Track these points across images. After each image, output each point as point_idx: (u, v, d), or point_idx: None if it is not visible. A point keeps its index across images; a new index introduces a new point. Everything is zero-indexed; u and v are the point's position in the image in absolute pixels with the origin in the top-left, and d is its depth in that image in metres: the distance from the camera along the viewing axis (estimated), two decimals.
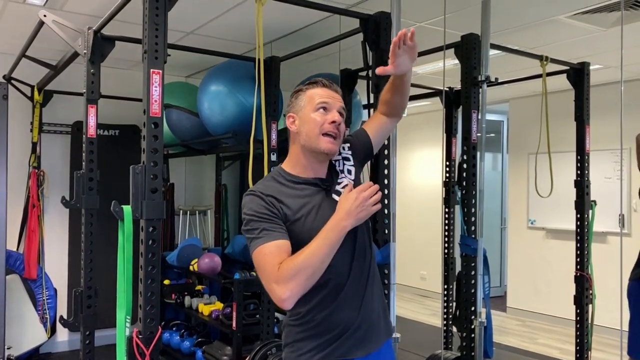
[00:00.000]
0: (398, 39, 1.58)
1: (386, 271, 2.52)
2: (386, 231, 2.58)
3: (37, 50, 4.03)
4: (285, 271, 1.47)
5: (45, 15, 3.05)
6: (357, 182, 1.74)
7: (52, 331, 4.74)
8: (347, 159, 1.76)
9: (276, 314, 3.77)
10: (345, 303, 1.62)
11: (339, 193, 1.66)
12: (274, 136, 3.50)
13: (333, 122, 1.63)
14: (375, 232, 2.56)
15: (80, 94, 3.21)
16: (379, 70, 1.63)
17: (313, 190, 1.66)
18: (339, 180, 1.71)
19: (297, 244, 1.55)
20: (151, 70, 2.07)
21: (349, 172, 1.73)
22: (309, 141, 1.64)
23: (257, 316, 3.88)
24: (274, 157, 3.51)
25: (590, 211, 3.66)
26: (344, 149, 1.76)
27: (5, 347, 3.27)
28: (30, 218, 4.63)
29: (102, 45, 3.09)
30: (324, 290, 1.60)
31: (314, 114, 1.64)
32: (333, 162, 1.74)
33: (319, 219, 1.59)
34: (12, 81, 4.39)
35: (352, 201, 1.54)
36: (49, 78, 4.20)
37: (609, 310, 5.25)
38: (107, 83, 3.77)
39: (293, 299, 1.48)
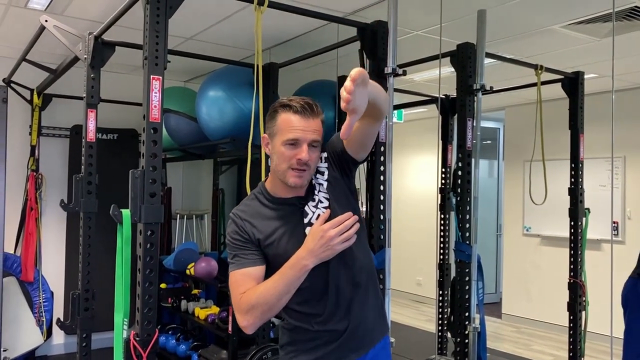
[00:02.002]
0: (350, 92, 1.27)
1: (381, 276, 2.54)
2: (381, 237, 2.61)
3: (37, 54, 4.06)
4: (243, 304, 1.53)
5: (46, 20, 3.09)
6: (338, 194, 1.67)
7: (49, 334, 4.74)
8: (322, 173, 1.68)
9: (272, 318, 3.79)
10: (330, 315, 1.64)
11: (312, 225, 1.60)
12: None
13: (299, 159, 1.54)
14: (370, 237, 2.59)
15: (79, 98, 3.24)
16: (344, 134, 1.37)
17: (290, 211, 1.64)
18: (314, 205, 1.65)
19: (271, 268, 1.60)
20: (151, 76, 2.10)
21: (321, 185, 1.67)
22: (277, 171, 1.61)
23: None
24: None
25: (584, 219, 3.70)
26: (321, 160, 1.67)
27: (2, 349, 3.29)
28: (27, 221, 4.65)
29: (102, 50, 3.13)
30: (306, 307, 1.64)
31: (283, 148, 1.56)
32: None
33: (292, 243, 1.59)
34: (12, 84, 4.42)
35: (317, 240, 1.50)
36: (48, 82, 4.23)
37: (602, 317, 5.29)
38: (107, 87, 3.80)
39: (252, 327, 1.54)
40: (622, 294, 2.86)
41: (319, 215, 1.62)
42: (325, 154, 1.69)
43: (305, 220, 1.63)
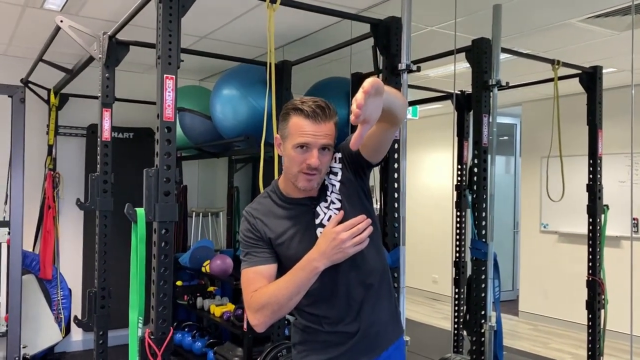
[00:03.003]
0: (360, 106, 1.23)
1: (396, 275, 2.53)
2: (396, 235, 2.59)
3: (53, 54, 4.10)
4: (254, 302, 1.54)
5: (61, 21, 3.11)
6: (351, 195, 1.66)
7: (67, 331, 4.80)
8: (335, 173, 1.67)
9: (287, 316, 3.79)
10: (340, 317, 1.63)
11: (324, 226, 1.59)
12: None
13: (309, 164, 1.54)
14: (385, 235, 2.57)
15: (95, 97, 3.26)
16: (354, 145, 1.35)
17: (302, 211, 1.64)
18: (326, 206, 1.65)
19: (282, 267, 1.61)
20: (165, 75, 2.10)
21: (334, 186, 1.66)
22: (288, 173, 1.61)
23: None
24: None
25: (603, 215, 3.64)
26: (335, 160, 1.67)
27: (21, 346, 3.33)
28: (45, 219, 4.71)
29: (116, 49, 3.15)
30: (316, 308, 1.64)
31: (293, 152, 1.56)
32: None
33: (303, 244, 1.59)
34: (29, 85, 4.47)
35: (329, 242, 1.48)
36: (65, 82, 4.27)
37: (621, 315, 5.21)
38: (123, 86, 3.83)
39: (263, 326, 1.54)
40: None
41: (330, 216, 1.61)
42: (339, 155, 1.68)
43: (317, 221, 1.63)
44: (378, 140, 1.59)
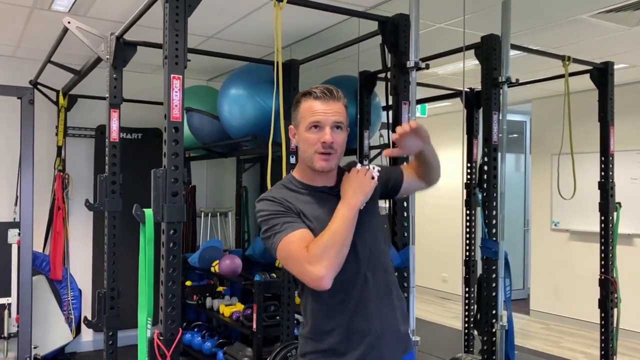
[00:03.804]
0: (399, 133, 1.56)
1: (405, 274, 2.51)
2: (405, 234, 2.57)
3: (61, 55, 4.11)
4: (315, 251, 1.47)
5: (69, 22, 3.11)
6: (371, 210, 1.70)
7: (77, 331, 4.83)
8: (372, 177, 1.69)
9: (296, 316, 3.78)
10: (358, 316, 1.62)
11: None
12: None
13: (324, 142, 1.58)
14: (394, 234, 2.55)
15: (104, 98, 3.26)
16: (386, 153, 1.68)
17: (323, 197, 1.66)
18: None
19: None
20: (172, 75, 2.10)
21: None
22: (305, 158, 1.65)
23: (278, 318, 3.89)
24: (292, 160, 3.52)
25: (615, 213, 3.60)
26: (374, 168, 1.73)
27: (32, 346, 3.35)
28: (55, 220, 4.73)
29: (124, 50, 3.15)
30: (334, 302, 1.62)
31: (307, 133, 1.61)
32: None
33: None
34: (38, 86, 4.49)
35: (354, 178, 1.61)
36: (73, 83, 4.29)
37: (635, 313, 5.15)
38: (131, 87, 3.83)
39: (329, 276, 1.46)
40: None
41: None
42: (378, 170, 1.74)
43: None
44: (414, 183, 1.83)
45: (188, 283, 4.81)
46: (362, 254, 1.62)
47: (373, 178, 1.69)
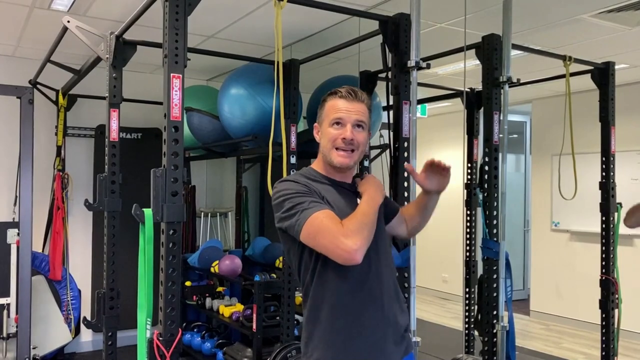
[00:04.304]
0: (433, 162, 1.76)
1: (406, 274, 2.50)
2: None
3: (61, 55, 4.10)
4: (352, 225, 1.51)
5: (69, 21, 3.10)
6: (380, 216, 1.73)
7: (77, 331, 4.81)
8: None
9: (296, 316, 3.77)
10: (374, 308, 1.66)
11: None
12: (293, 139, 3.50)
13: (344, 138, 1.65)
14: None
15: (103, 98, 3.25)
16: (408, 167, 1.88)
17: (343, 192, 1.72)
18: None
19: None
20: (171, 74, 2.08)
21: None
22: (325, 154, 1.71)
23: (278, 318, 3.88)
24: (293, 160, 3.52)
25: (616, 213, 3.59)
26: None
27: (31, 347, 3.33)
28: (55, 220, 4.72)
29: (123, 49, 3.14)
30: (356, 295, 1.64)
31: (330, 129, 1.68)
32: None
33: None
34: (38, 86, 4.48)
35: (373, 180, 1.72)
36: (73, 82, 4.27)
37: (636, 314, 5.14)
38: (131, 87, 3.82)
39: (362, 250, 1.49)
40: None
41: None
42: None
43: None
44: (397, 222, 1.93)
45: (188, 283, 4.80)
46: (378, 252, 1.68)
47: None
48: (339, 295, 1.61)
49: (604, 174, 3.61)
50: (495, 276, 2.96)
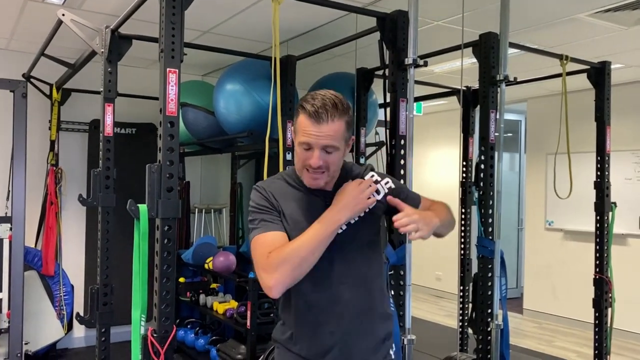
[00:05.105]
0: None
1: (401, 272, 2.49)
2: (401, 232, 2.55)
3: (55, 49, 4.06)
4: (272, 260, 1.47)
5: (63, 15, 3.07)
6: (369, 226, 1.66)
7: (69, 327, 4.79)
8: (378, 192, 1.66)
9: None
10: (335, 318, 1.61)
11: None
12: (289, 135, 3.49)
13: (311, 166, 1.54)
14: (390, 232, 2.53)
15: (98, 93, 3.23)
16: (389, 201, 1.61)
17: (314, 200, 1.62)
18: None
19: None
20: (167, 69, 2.07)
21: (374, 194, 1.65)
22: (297, 169, 1.63)
23: (272, 315, 3.88)
24: (289, 156, 3.50)
25: (610, 213, 3.60)
26: (387, 183, 1.69)
27: (23, 342, 3.31)
28: (48, 215, 4.68)
29: (119, 44, 3.11)
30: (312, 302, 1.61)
31: (298, 148, 1.57)
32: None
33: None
34: (31, 79, 4.44)
35: (352, 190, 1.55)
36: (67, 76, 4.24)
37: (629, 313, 5.17)
38: (126, 81, 3.79)
39: (279, 287, 1.46)
40: None
41: None
42: (392, 185, 1.69)
43: None
44: None
45: (181, 280, 4.79)
46: (338, 272, 1.59)
47: (378, 192, 1.65)
48: (297, 312, 1.62)
49: (598, 173, 3.62)
50: (490, 274, 2.96)
